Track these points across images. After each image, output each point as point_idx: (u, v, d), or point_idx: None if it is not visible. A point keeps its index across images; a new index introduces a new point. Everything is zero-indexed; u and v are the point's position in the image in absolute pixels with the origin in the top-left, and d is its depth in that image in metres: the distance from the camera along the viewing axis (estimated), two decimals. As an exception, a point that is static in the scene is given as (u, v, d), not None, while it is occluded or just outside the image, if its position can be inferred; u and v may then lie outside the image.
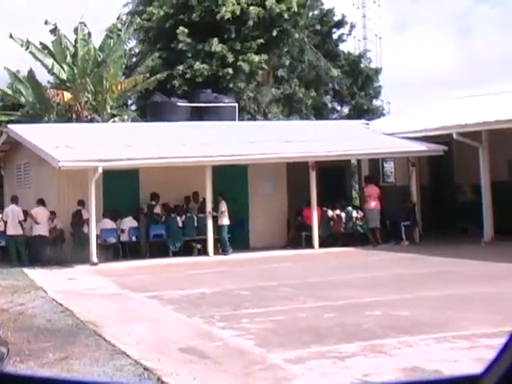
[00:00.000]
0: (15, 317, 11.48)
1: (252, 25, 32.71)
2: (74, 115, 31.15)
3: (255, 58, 32.46)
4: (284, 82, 34.74)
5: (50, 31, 31.47)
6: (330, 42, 37.86)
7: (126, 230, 20.17)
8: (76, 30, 32.11)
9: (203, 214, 20.39)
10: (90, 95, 31.35)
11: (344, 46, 39.02)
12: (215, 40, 32.40)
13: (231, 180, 21.16)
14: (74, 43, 32.24)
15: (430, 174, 24.44)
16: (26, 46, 30.83)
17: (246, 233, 21.82)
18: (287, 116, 33.67)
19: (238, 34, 32.93)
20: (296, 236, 21.64)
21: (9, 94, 33.69)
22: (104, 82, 31.11)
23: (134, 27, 34.34)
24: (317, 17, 37.86)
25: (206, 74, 32.14)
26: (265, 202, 22.06)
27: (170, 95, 30.11)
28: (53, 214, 19.75)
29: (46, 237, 19.53)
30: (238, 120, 28.35)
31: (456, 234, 21.93)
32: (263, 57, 32.70)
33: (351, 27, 39.06)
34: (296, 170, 21.75)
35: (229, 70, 32.20)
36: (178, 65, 32.56)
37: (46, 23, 31.19)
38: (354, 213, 22.13)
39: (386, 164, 26.01)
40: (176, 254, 20.02)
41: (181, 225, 20.54)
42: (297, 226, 21.75)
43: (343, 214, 22.00)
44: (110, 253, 19.69)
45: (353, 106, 37.69)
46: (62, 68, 31.60)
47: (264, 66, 33.06)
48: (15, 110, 33.38)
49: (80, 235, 19.70)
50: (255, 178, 22.21)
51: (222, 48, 32.32)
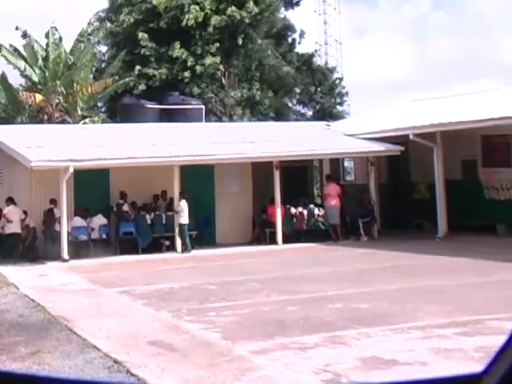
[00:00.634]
0: (-12, 312, 11.33)
1: (213, 31, 32.76)
2: (46, 117, 30.83)
3: (207, 61, 32.46)
4: (245, 85, 34.74)
5: (22, 36, 31.16)
6: (285, 45, 37.89)
7: (96, 227, 20.03)
8: (47, 35, 31.84)
9: (171, 212, 20.36)
10: (61, 97, 31.08)
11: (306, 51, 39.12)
12: (177, 44, 32.40)
13: (198, 179, 21.11)
14: (45, 47, 31.97)
15: (388, 173, 24.61)
16: (-2, 49, 30.46)
17: (212, 230, 21.78)
18: (250, 118, 33.68)
19: (200, 39, 32.97)
20: (261, 233, 21.66)
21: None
22: (75, 84, 30.89)
23: (104, 32, 34.19)
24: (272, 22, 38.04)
25: (164, 77, 32.08)
26: (231, 200, 22.05)
27: (138, 98, 29.99)
28: (25, 213, 19.54)
29: (19, 235, 19.32)
30: (205, 122, 28.33)
31: (412, 229, 22.14)
32: (216, 59, 32.69)
33: (301, 33, 38.81)
34: (261, 170, 21.76)
35: (185, 73, 32.20)
36: (140, 68, 32.50)
37: (17, 29, 30.89)
38: (316, 210, 22.22)
39: (346, 163, 26.16)
40: (145, 251, 19.90)
41: (150, 222, 20.46)
42: (261, 223, 21.77)
43: (305, 212, 22.07)
44: (80, 250, 19.53)
45: (316, 109, 37.87)
46: (34, 71, 31.31)
47: (220, 68, 33.03)
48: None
49: (52, 233, 19.51)
50: (221, 177, 22.18)
51: (182, 53, 32.32)
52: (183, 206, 19.96)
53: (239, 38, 33.51)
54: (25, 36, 31.24)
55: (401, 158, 22.51)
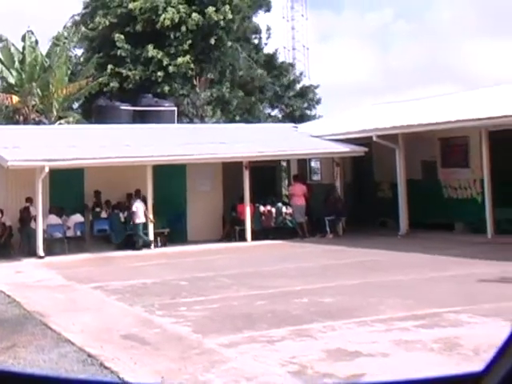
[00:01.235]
0: (-36, 308, 11.18)
1: (188, 31, 32.67)
2: (22, 118, 30.53)
3: (179, 60, 32.38)
4: (216, 85, 34.71)
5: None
6: (251, 47, 38.01)
7: (71, 225, 19.86)
8: (24, 38, 31.54)
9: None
10: (37, 99, 30.81)
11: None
12: (150, 46, 32.27)
13: (170, 178, 21.07)
14: (21, 50, 31.65)
15: (353, 173, 24.74)
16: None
17: (184, 227, 21.72)
18: (221, 118, 33.65)
19: (175, 39, 32.86)
20: (230, 230, 21.64)
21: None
22: (50, 86, 30.63)
23: (79, 36, 33.93)
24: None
25: (138, 78, 31.93)
26: (202, 198, 22.01)
27: (113, 100, 29.81)
28: (1, 212, 19.30)
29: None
30: (177, 123, 28.23)
31: (376, 227, 22.26)
32: (187, 58, 32.62)
33: (268, 30, 38.92)
34: (231, 169, 21.76)
35: (159, 73, 32.09)
36: (113, 67, 32.30)
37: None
38: (284, 208, 22.29)
39: (313, 163, 26.24)
40: (119, 248, 19.79)
41: (123, 220, 20.35)
42: (231, 220, 21.75)
43: (274, 210, 22.12)
44: (56, 247, 19.36)
45: (286, 113, 38.07)
46: (11, 73, 30.98)
47: (192, 67, 32.97)
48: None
49: (28, 230, 19.31)
50: (193, 177, 22.13)
51: (156, 53, 32.18)
52: (138, 206, 19.83)
53: (212, 40, 33.46)
54: (1, 39, 30.89)
55: (365, 159, 22.64)
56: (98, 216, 20.54)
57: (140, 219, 19.77)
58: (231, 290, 12.24)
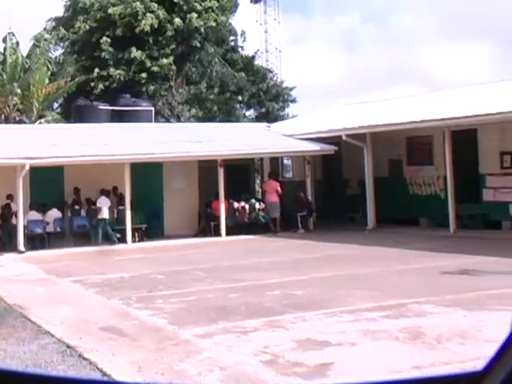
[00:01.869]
0: None
1: (170, 36, 32.54)
2: (3, 117, 30.19)
3: (164, 61, 32.30)
4: (193, 84, 34.61)
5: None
6: (228, 49, 38.01)
7: (51, 221, 19.70)
8: (5, 39, 31.21)
9: (122, 206, 20.16)
10: (17, 99, 30.48)
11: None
12: (133, 48, 32.07)
13: (148, 176, 20.98)
14: (3, 51, 31.33)
15: (323, 171, 24.83)
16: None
17: (161, 223, 21.64)
18: (197, 114, 33.55)
19: (155, 43, 32.69)
20: (206, 225, 21.61)
21: None
22: (31, 87, 30.34)
23: (60, 37, 33.64)
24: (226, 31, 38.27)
25: (122, 79, 31.73)
26: (178, 195, 21.95)
27: (93, 100, 29.61)
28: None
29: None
30: (154, 122, 28.09)
31: (345, 222, 22.37)
32: (170, 59, 32.54)
33: (242, 34, 39.18)
34: (206, 167, 21.73)
35: (143, 74, 31.94)
36: (99, 71, 32.06)
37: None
38: (257, 205, 22.30)
39: (285, 161, 26.28)
40: (101, 243, 19.65)
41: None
42: (206, 216, 21.72)
43: (247, 206, 22.13)
44: (36, 242, 19.20)
45: (261, 113, 38.12)
46: (-8, 74, 30.61)
47: (175, 71, 32.87)
48: None
49: (9, 226, 19.12)
50: (169, 174, 22.06)
51: (140, 54, 32.00)
52: (102, 202, 19.71)
53: (191, 44, 33.35)
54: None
55: (334, 157, 22.74)
56: (77, 212, 20.38)
57: (103, 215, 19.64)
58: (206, 283, 12.22)
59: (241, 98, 36.74)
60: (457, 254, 14.45)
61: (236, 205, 21.95)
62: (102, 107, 27.23)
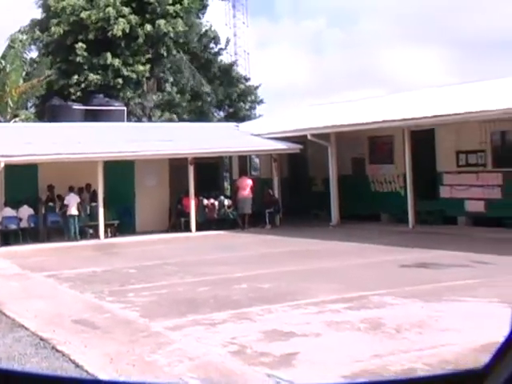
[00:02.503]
0: None
1: (142, 41, 32.34)
2: (-21, 116, 29.73)
3: (141, 68, 32.12)
4: (165, 91, 34.44)
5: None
6: (206, 56, 37.92)
7: (24, 217, 19.45)
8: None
9: (95, 203, 20.00)
10: (-8, 98, 30.06)
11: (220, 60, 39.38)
12: (109, 54, 31.77)
13: (120, 174, 20.80)
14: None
15: (289, 169, 24.90)
16: None
17: (132, 219, 21.49)
18: (169, 120, 33.38)
19: (128, 48, 32.41)
20: (176, 221, 21.54)
21: None
22: (6, 87, 29.93)
23: (34, 38, 33.22)
24: (195, 35, 38.13)
25: (98, 83, 31.44)
26: (149, 192, 21.83)
27: (67, 100, 29.29)
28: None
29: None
30: (127, 122, 27.88)
31: (310, 218, 22.45)
32: (147, 67, 32.39)
33: (227, 42, 39.56)
34: (177, 165, 21.64)
35: (119, 80, 31.68)
36: (74, 75, 31.73)
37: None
38: (226, 201, 22.29)
39: (253, 160, 26.30)
40: (71, 239, 19.45)
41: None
42: (177, 213, 21.65)
43: (216, 203, 22.10)
44: (11, 238, 18.93)
45: (230, 113, 38.09)
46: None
47: (148, 75, 32.69)
48: None
49: (-16, 223, 18.83)
50: (141, 172, 21.91)
51: (118, 62, 31.76)
52: (69, 199, 19.55)
53: (162, 50, 33.17)
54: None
55: (300, 156, 22.83)
56: (51, 209, 20.16)
57: (72, 212, 19.46)
58: (177, 277, 12.18)
59: (209, 99, 36.63)
60: (415, 248, 14.61)
61: (206, 201, 21.91)
62: (75, 107, 26.96)
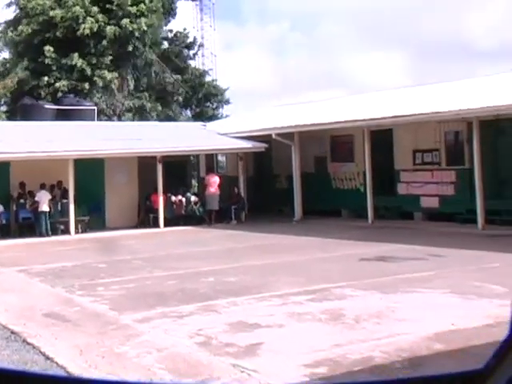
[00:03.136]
0: None
1: (108, 41, 31.94)
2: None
3: (108, 76, 31.76)
4: (135, 95, 34.15)
5: None
6: (180, 59, 37.82)
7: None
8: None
9: (66, 200, 19.75)
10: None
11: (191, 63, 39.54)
12: (76, 55, 31.35)
13: (90, 171, 20.56)
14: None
15: (255, 167, 24.92)
16: None
17: (102, 215, 21.30)
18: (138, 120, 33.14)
19: (95, 48, 32.01)
20: (145, 217, 21.40)
21: None
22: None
23: (6, 40, 32.68)
24: (168, 37, 38.14)
25: (66, 89, 30.99)
26: (119, 189, 21.64)
27: (38, 100, 28.85)
28: None
29: None
30: (97, 121, 27.59)
31: (274, 214, 22.53)
32: (115, 74, 32.07)
33: (199, 46, 39.51)
34: (146, 163, 21.49)
35: (85, 84, 31.29)
36: (43, 76, 31.25)
37: None
38: (193, 198, 22.23)
39: (219, 158, 26.26)
40: (42, 234, 19.20)
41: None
42: (146, 209, 21.52)
43: (184, 200, 22.02)
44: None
45: (197, 112, 38.00)
46: None
47: (116, 82, 32.37)
48: None
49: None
50: (111, 170, 21.70)
51: (82, 62, 31.33)
52: (40, 196, 19.31)
53: (129, 48, 32.82)
54: None
55: (265, 154, 22.86)
56: (22, 206, 19.85)
57: (43, 208, 19.21)
58: (145, 271, 12.11)
59: (176, 98, 36.46)
60: (374, 242, 14.76)
61: (173, 198, 21.81)
62: (47, 106, 26.60)
